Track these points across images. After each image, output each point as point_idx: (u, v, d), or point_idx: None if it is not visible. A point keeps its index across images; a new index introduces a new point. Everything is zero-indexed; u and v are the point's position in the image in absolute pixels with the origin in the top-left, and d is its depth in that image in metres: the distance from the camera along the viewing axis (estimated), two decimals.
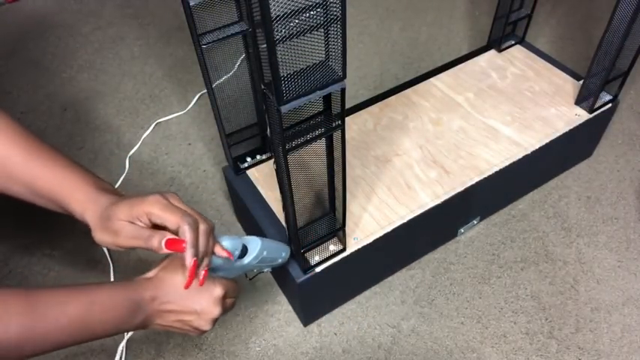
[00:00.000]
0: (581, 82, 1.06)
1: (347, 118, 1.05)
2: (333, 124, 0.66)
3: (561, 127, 1.02)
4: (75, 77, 1.44)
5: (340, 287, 0.94)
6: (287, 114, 0.59)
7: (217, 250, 0.62)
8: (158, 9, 1.67)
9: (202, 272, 0.59)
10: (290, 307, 0.97)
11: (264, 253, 0.68)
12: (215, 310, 0.61)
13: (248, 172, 0.98)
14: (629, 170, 1.16)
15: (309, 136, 0.65)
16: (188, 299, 0.59)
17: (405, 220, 0.89)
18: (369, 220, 0.89)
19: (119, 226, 0.58)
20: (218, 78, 0.84)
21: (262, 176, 0.97)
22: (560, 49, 1.43)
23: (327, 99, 0.64)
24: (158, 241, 0.56)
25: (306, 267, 0.83)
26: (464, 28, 1.54)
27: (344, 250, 0.85)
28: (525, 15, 1.15)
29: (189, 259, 0.56)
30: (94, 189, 0.62)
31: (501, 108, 1.06)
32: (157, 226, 0.59)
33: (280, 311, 0.97)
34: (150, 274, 0.61)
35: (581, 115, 1.03)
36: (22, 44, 1.58)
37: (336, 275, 0.88)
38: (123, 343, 0.92)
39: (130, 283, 0.58)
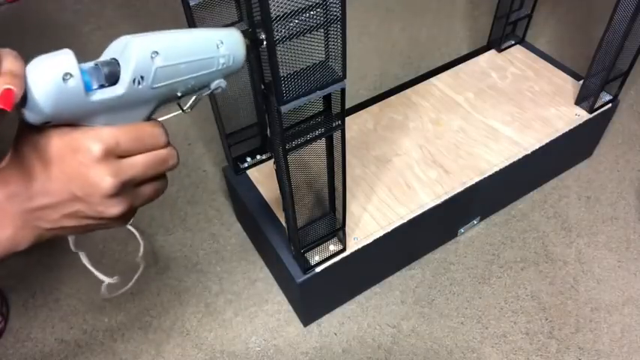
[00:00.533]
0: (581, 82, 1.06)
1: (347, 118, 1.05)
2: (333, 124, 0.66)
3: (561, 127, 1.01)
4: None
5: (340, 287, 0.94)
6: (287, 114, 0.59)
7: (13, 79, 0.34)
8: (158, 9, 1.67)
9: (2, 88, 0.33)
10: (290, 307, 0.97)
11: (158, 61, 0.36)
12: (104, 183, 0.36)
13: (248, 172, 0.98)
14: (629, 170, 1.16)
15: (309, 136, 0.65)
16: (54, 180, 0.36)
17: (405, 220, 0.89)
18: (369, 220, 0.89)
19: None
20: None
21: (262, 176, 0.97)
22: (560, 49, 1.43)
23: (327, 99, 0.64)
24: None
25: (306, 267, 0.83)
26: (464, 28, 1.54)
27: (344, 250, 0.85)
28: (525, 15, 1.15)
29: None
30: None
31: (501, 108, 1.06)
32: None
33: (280, 311, 0.97)
34: (3, 162, 0.39)
35: (581, 115, 1.03)
36: (22, 44, 1.58)
37: (336, 275, 0.88)
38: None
39: None
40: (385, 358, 0.90)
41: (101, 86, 0.34)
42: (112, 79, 0.35)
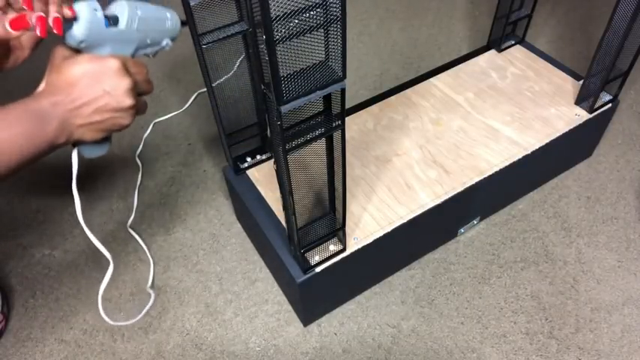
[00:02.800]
0: (581, 82, 1.06)
1: (347, 118, 1.05)
2: (333, 124, 0.66)
3: (561, 127, 1.01)
4: None
5: (340, 287, 0.94)
6: (287, 114, 0.59)
7: (63, 9, 0.56)
8: None
9: (52, 16, 0.54)
10: (290, 307, 0.97)
11: (139, 12, 0.60)
12: (123, 82, 0.57)
13: (248, 172, 0.98)
14: (629, 170, 1.16)
15: (309, 136, 0.65)
16: (89, 85, 0.56)
17: (405, 220, 0.89)
18: (369, 220, 0.89)
19: None
20: (218, 78, 0.84)
21: (262, 176, 0.97)
22: (560, 49, 1.43)
23: (327, 99, 0.64)
24: (2, 26, 0.56)
25: (306, 267, 0.83)
26: (464, 28, 1.54)
27: (344, 250, 0.85)
28: (525, 15, 1.15)
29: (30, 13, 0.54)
30: None
31: (501, 108, 1.06)
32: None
33: (280, 311, 0.97)
34: (39, 87, 0.59)
35: (581, 115, 1.03)
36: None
37: (336, 275, 0.88)
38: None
39: (25, 99, 0.56)
40: (385, 358, 0.91)
41: (110, 25, 0.57)
42: (115, 22, 0.58)
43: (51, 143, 0.55)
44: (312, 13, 0.52)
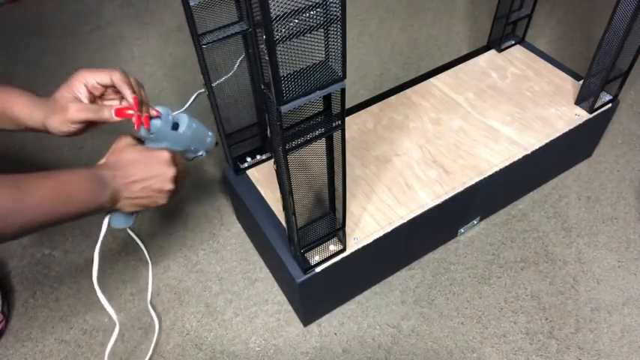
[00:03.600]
0: (581, 82, 1.06)
1: (347, 118, 1.05)
2: (333, 124, 0.66)
3: (561, 127, 1.02)
4: None
5: (340, 287, 0.94)
6: (287, 114, 0.59)
7: (150, 110, 0.70)
8: (158, 9, 1.67)
9: (144, 115, 0.68)
10: (290, 307, 0.97)
11: (194, 125, 0.74)
12: (170, 170, 0.68)
13: (248, 172, 0.98)
14: (629, 170, 1.16)
15: (309, 136, 0.65)
16: (145, 166, 0.67)
17: (405, 220, 0.89)
18: (369, 220, 0.89)
19: (65, 101, 0.66)
20: (218, 78, 0.84)
21: (262, 176, 0.97)
22: (560, 49, 1.43)
23: (327, 99, 0.64)
24: (109, 111, 0.67)
25: (306, 267, 0.83)
26: (464, 28, 1.54)
27: (344, 250, 0.85)
28: (525, 15, 1.15)
29: (129, 96, 0.67)
30: (34, 94, 0.70)
31: (501, 108, 1.06)
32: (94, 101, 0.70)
33: (280, 311, 0.97)
34: (102, 160, 0.69)
35: (581, 115, 1.03)
36: (22, 44, 1.58)
37: (336, 275, 0.88)
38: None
39: (91, 167, 0.66)
40: (385, 358, 0.91)
41: (173, 129, 0.72)
42: (176, 127, 0.72)
43: (101, 206, 0.65)
44: (312, 13, 0.52)
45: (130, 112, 0.67)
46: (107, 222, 0.72)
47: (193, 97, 1.37)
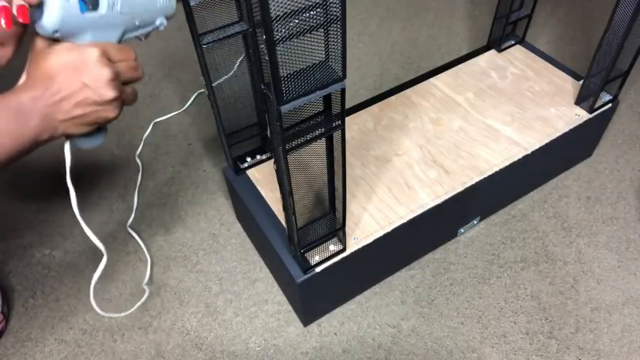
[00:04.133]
0: (581, 82, 1.06)
1: (347, 118, 1.05)
2: (333, 124, 0.66)
3: (561, 127, 1.02)
4: None
5: (340, 287, 0.94)
6: (287, 114, 0.59)
7: None
8: None
9: (16, 7, 0.50)
10: (290, 307, 0.97)
11: None
12: (104, 72, 0.53)
13: (248, 172, 0.98)
14: (629, 170, 1.16)
15: (309, 136, 0.65)
16: (67, 78, 0.53)
17: (405, 220, 0.89)
18: (369, 220, 0.89)
19: None
20: (218, 78, 0.84)
21: (262, 176, 0.97)
22: (560, 49, 1.43)
23: (327, 99, 0.64)
24: None
25: (306, 267, 0.83)
26: (464, 28, 1.54)
27: (344, 250, 0.85)
28: (525, 15, 1.15)
29: None
30: None
31: (501, 108, 1.06)
32: None
33: (280, 311, 0.97)
34: (20, 80, 0.56)
35: (581, 115, 1.03)
36: (22, 44, 1.57)
37: (336, 275, 0.88)
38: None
39: (4, 93, 0.54)
40: (385, 358, 0.91)
41: (88, 10, 0.51)
42: (95, 5, 0.51)
43: (34, 140, 0.53)
44: (312, 13, 0.52)
45: None
46: (68, 147, 0.59)
47: (193, 97, 1.37)
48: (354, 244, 0.86)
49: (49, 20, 0.49)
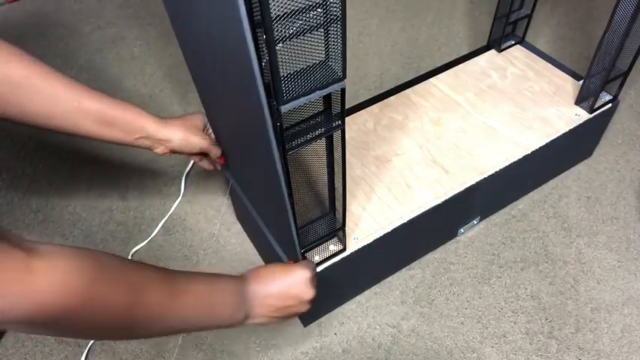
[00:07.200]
0: (581, 82, 1.06)
1: (347, 118, 1.05)
2: (333, 124, 0.66)
3: (561, 127, 1.02)
4: (75, 77, 1.43)
5: (340, 287, 0.94)
6: (287, 114, 0.59)
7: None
8: (158, 9, 1.67)
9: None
10: None
11: None
12: (309, 292, 0.67)
13: None
14: (629, 170, 1.16)
15: (309, 136, 0.65)
16: (285, 288, 0.65)
17: (405, 220, 0.89)
18: (369, 220, 0.89)
19: (197, 123, 0.80)
20: None
21: None
22: (560, 49, 1.43)
23: (327, 99, 0.64)
24: (217, 150, 0.83)
25: None
26: (464, 28, 1.54)
27: (344, 250, 0.85)
28: (525, 15, 1.15)
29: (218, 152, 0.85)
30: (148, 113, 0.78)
31: (501, 108, 1.06)
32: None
33: None
34: (252, 271, 0.67)
35: (581, 115, 1.03)
36: (22, 44, 1.57)
37: (336, 275, 0.88)
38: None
39: (239, 276, 0.64)
40: (385, 358, 0.91)
41: None
42: None
43: (233, 324, 0.61)
44: (312, 13, 0.52)
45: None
46: None
47: (193, 98, 1.37)
48: (354, 244, 0.86)
49: None
